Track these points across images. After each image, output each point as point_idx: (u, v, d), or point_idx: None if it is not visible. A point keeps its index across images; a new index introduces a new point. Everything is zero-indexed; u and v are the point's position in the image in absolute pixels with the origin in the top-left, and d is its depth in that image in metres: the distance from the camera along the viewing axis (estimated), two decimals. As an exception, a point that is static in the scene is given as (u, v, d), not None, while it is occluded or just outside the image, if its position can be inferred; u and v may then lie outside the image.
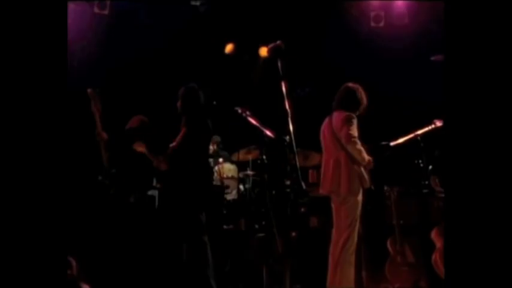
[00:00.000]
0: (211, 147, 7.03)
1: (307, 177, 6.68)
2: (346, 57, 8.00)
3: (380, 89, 5.17)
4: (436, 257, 5.21)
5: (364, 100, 4.56)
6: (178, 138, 4.68)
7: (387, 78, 7.62)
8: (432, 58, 4.37)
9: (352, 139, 4.39)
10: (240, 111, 4.99)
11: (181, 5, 8.07)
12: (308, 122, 7.76)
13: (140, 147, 4.74)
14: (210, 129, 4.84)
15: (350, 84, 4.71)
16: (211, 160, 7.59)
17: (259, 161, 6.06)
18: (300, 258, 5.52)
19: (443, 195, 6.33)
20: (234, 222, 6.38)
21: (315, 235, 5.73)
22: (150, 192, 6.74)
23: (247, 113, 4.82)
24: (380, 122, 6.26)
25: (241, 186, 7.26)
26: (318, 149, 6.53)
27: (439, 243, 5.35)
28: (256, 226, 5.87)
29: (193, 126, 4.70)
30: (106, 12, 7.81)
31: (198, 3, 8.02)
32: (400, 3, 8.39)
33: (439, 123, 3.92)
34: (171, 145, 4.67)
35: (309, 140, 7.37)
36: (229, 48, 8.18)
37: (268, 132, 4.43)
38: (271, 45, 4.32)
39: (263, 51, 7.84)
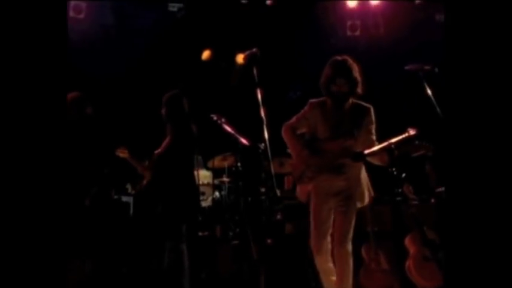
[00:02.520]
0: None
1: (283, 184, 6.71)
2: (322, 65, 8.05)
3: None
4: (410, 264, 5.27)
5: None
6: (163, 145, 4.67)
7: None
8: (406, 67, 4.40)
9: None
10: (215, 118, 4.99)
11: (158, 10, 8.05)
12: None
13: (123, 153, 4.71)
14: (195, 136, 4.82)
15: None
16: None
17: (233, 168, 6.05)
18: (275, 265, 5.52)
19: (416, 202, 6.42)
20: (209, 229, 6.36)
21: (291, 242, 5.73)
22: (124, 199, 6.70)
23: (223, 120, 4.82)
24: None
25: (216, 193, 7.25)
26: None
27: (412, 250, 5.41)
28: (231, 233, 5.86)
29: (178, 133, 4.69)
30: (82, 16, 7.73)
31: (175, 9, 8.00)
32: (376, 12, 8.51)
33: (412, 132, 3.94)
34: (155, 152, 4.66)
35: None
36: (206, 54, 8.16)
37: (243, 140, 4.43)
38: (246, 53, 4.33)
39: (240, 58, 7.85)
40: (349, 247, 3.84)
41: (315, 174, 3.85)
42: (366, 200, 3.98)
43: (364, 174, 3.97)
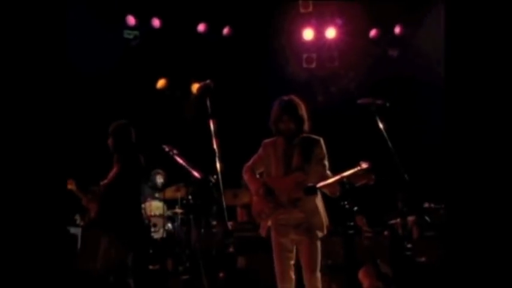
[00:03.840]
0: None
1: (236, 216, 6.64)
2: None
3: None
4: (363, 297, 5.27)
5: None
6: (111, 175, 4.55)
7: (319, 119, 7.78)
8: (359, 101, 4.45)
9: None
10: (167, 149, 4.91)
11: (113, 38, 7.95)
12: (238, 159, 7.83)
13: (70, 185, 4.57)
14: (142, 166, 4.73)
15: None
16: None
17: (184, 201, 5.95)
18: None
19: (369, 234, 6.44)
20: (160, 262, 6.19)
21: (243, 275, 5.63)
22: (72, 231, 6.48)
23: (174, 151, 4.75)
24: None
25: (169, 225, 7.10)
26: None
27: (365, 284, 5.41)
28: (180, 268, 5.73)
29: (126, 163, 4.58)
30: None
31: (131, 37, 7.93)
32: (331, 45, 8.67)
33: (364, 165, 3.96)
34: (102, 183, 4.53)
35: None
36: (161, 83, 8.10)
37: (194, 172, 4.38)
38: (200, 84, 4.31)
39: (195, 88, 7.83)
40: (319, 275, 3.93)
41: (272, 210, 3.96)
42: (325, 229, 4.07)
43: (321, 204, 4.06)
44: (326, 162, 4.03)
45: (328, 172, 3.98)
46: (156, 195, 7.17)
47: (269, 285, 5.46)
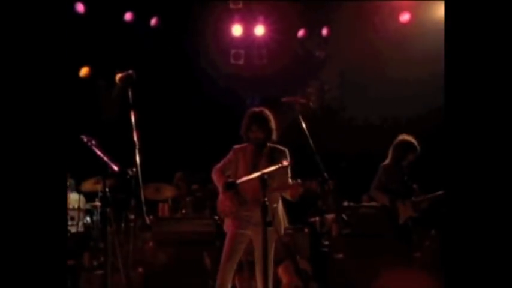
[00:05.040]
0: None
1: (158, 211, 6.53)
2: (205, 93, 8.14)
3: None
4: (283, 293, 5.34)
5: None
6: None
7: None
8: (283, 99, 4.52)
9: None
10: (85, 139, 4.73)
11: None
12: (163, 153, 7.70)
13: None
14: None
15: None
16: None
17: (101, 194, 5.78)
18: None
19: (290, 231, 6.53)
20: (76, 256, 5.97)
21: (162, 270, 5.54)
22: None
23: (93, 142, 4.58)
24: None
25: (87, 218, 6.87)
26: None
27: (284, 280, 5.48)
28: (95, 263, 5.56)
29: None
30: None
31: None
32: (260, 42, 8.72)
33: (285, 163, 4.10)
34: None
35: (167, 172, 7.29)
36: (84, 71, 7.81)
37: (111, 164, 4.24)
38: (122, 74, 4.20)
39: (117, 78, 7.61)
40: (270, 268, 4.25)
41: (237, 207, 4.33)
42: (282, 230, 4.44)
43: (280, 207, 4.45)
44: (289, 171, 4.37)
45: (290, 180, 4.33)
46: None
47: (188, 280, 5.43)
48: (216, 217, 5.56)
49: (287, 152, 4.41)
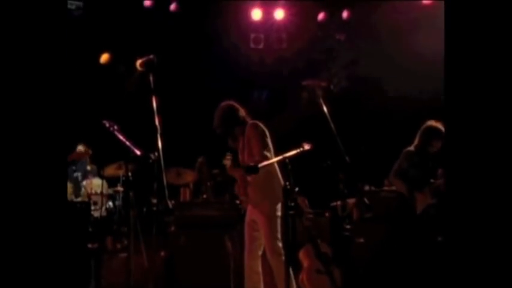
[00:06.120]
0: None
1: (179, 195, 6.57)
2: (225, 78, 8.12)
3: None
4: (303, 277, 5.33)
5: None
6: None
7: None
8: (304, 83, 4.48)
9: None
10: (107, 125, 4.78)
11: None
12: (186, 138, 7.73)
13: None
14: None
15: None
16: (79, 174, 7.21)
17: (123, 178, 5.85)
18: (169, 278, 5.36)
19: (311, 215, 6.53)
20: (99, 240, 6.06)
21: (184, 254, 5.59)
22: None
23: (115, 127, 4.63)
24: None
25: (110, 203, 6.95)
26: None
27: (305, 263, 5.48)
28: (119, 246, 5.63)
29: None
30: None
31: (73, 7, 7.60)
32: (279, 27, 8.65)
33: (307, 147, 4.02)
34: None
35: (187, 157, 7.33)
36: (104, 57, 7.84)
37: (134, 149, 4.29)
38: (143, 59, 4.22)
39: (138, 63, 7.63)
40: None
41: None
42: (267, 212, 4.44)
43: (267, 187, 4.42)
44: (255, 145, 4.35)
45: (266, 154, 4.31)
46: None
47: (209, 263, 5.47)
48: (237, 201, 5.57)
49: (249, 126, 4.41)
